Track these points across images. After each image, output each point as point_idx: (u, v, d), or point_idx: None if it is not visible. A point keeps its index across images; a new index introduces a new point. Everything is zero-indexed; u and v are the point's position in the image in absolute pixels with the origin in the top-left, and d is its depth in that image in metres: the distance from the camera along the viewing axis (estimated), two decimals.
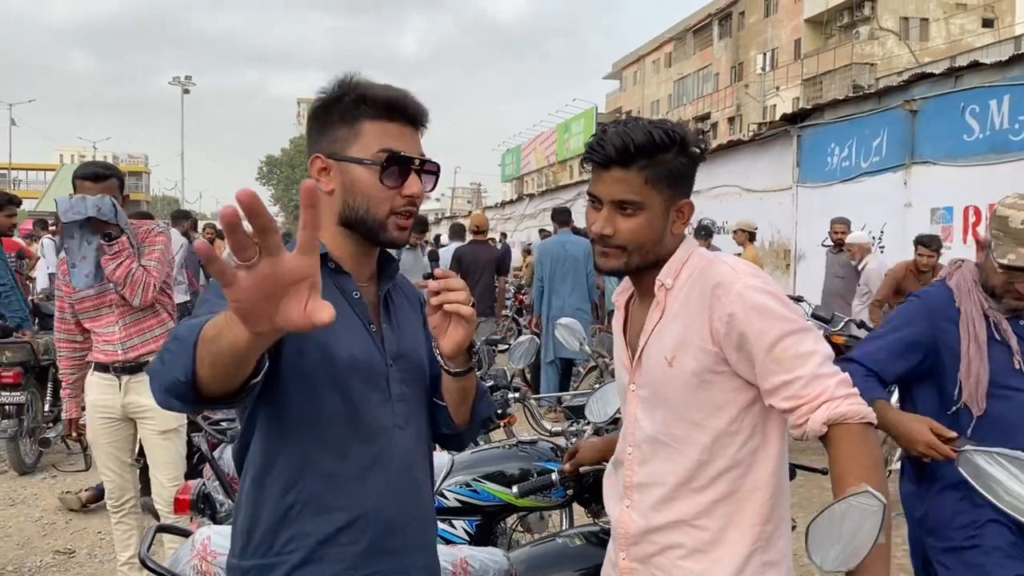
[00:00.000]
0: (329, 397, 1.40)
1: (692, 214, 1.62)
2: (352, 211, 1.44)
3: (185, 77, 52.39)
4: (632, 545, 1.66)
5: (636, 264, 1.60)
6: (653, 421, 1.62)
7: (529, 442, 2.83)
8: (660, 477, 1.61)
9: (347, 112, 1.44)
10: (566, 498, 2.64)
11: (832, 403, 1.43)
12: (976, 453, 2.01)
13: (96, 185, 3.43)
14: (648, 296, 1.65)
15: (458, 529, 2.67)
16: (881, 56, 33.26)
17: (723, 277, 1.51)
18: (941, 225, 8.18)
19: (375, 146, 1.42)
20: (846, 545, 1.25)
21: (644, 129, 1.53)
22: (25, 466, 5.88)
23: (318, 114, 1.47)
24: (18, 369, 5.66)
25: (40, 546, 4.62)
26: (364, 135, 1.43)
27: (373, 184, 1.43)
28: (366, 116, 1.43)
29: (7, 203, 6.16)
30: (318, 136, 1.47)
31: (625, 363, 1.70)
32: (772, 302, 1.48)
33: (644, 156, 1.53)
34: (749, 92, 40.29)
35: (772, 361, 1.46)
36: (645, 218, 1.56)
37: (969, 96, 7.93)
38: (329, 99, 1.45)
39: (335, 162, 1.44)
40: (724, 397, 1.54)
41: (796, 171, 10.65)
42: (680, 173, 1.57)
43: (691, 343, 1.53)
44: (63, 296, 3.55)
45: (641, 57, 55.29)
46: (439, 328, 1.44)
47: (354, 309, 1.47)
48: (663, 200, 1.57)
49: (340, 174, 1.44)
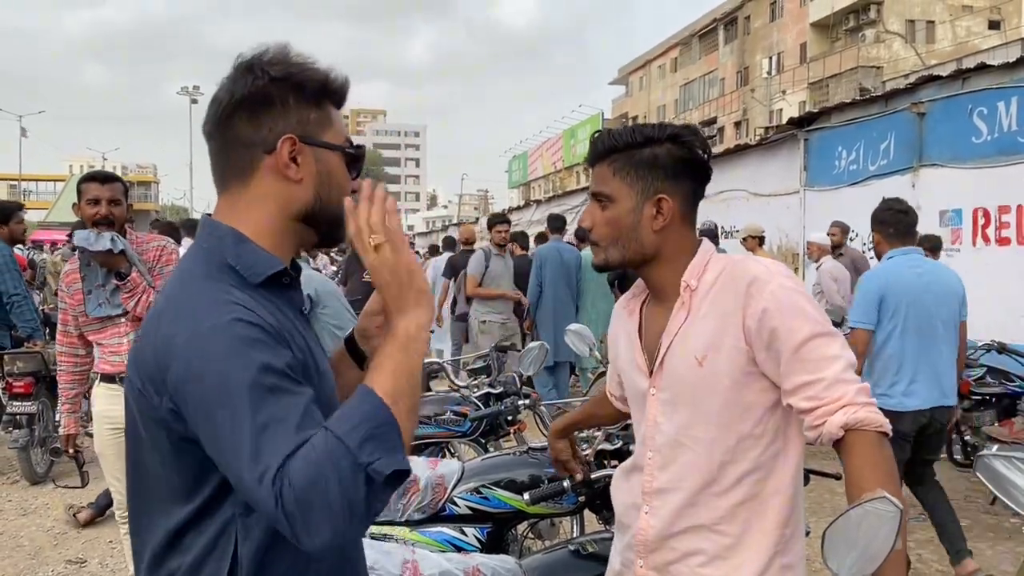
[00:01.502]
0: None
1: (672, 211, 1.59)
2: (324, 205, 1.27)
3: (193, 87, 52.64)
4: (651, 552, 1.64)
5: (616, 259, 1.63)
6: (674, 424, 1.60)
7: (540, 448, 2.82)
8: (681, 481, 1.60)
9: (316, 92, 1.26)
10: (577, 505, 2.63)
11: (851, 408, 1.42)
12: (994, 457, 2.00)
13: (103, 186, 3.44)
14: (666, 299, 1.65)
15: (469, 536, 2.67)
16: (887, 59, 33.19)
17: (759, 275, 1.52)
18: (950, 227, 8.14)
19: (342, 134, 1.30)
20: (863, 551, 1.24)
21: (627, 128, 1.61)
22: (37, 476, 5.89)
23: (272, 89, 1.22)
24: (29, 379, 5.69)
25: (52, 556, 4.63)
26: (334, 122, 1.29)
27: (345, 175, 1.30)
28: (331, 100, 1.29)
29: (16, 210, 6.20)
30: (274, 118, 1.23)
31: (642, 367, 1.68)
32: (805, 303, 1.50)
33: (616, 151, 1.60)
34: (755, 96, 40.25)
35: (797, 360, 1.46)
36: (615, 211, 1.61)
37: (977, 98, 7.90)
38: (292, 73, 1.23)
39: (309, 147, 1.25)
40: (753, 399, 1.54)
41: (804, 175, 10.62)
42: (651, 163, 1.58)
43: (724, 343, 1.53)
44: (67, 308, 3.55)
45: (647, 62, 55.32)
46: (379, 327, 1.38)
47: (309, 327, 1.32)
48: (634, 193, 1.59)
49: (314, 162, 1.25)
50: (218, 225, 1.26)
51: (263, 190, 1.25)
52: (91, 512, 5.05)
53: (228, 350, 1.09)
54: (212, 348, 1.09)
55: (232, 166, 1.26)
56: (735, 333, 1.52)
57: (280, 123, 1.23)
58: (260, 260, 1.23)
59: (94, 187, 3.44)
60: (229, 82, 1.24)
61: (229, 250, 1.22)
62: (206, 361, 1.08)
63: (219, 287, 1.17)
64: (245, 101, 1.23)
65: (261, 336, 1.11)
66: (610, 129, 1.65)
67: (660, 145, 1.58)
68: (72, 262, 3.61)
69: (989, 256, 7.67)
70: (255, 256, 1.23)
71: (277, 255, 1.25)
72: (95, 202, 3.42)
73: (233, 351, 1.08)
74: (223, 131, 1.26)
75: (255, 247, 1.24)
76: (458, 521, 2.67)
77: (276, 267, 1.24)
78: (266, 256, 1.24)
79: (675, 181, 1.59)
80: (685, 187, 1.61)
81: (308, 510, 1.00)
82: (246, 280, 1.21)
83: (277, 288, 1.25)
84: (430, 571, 2.09)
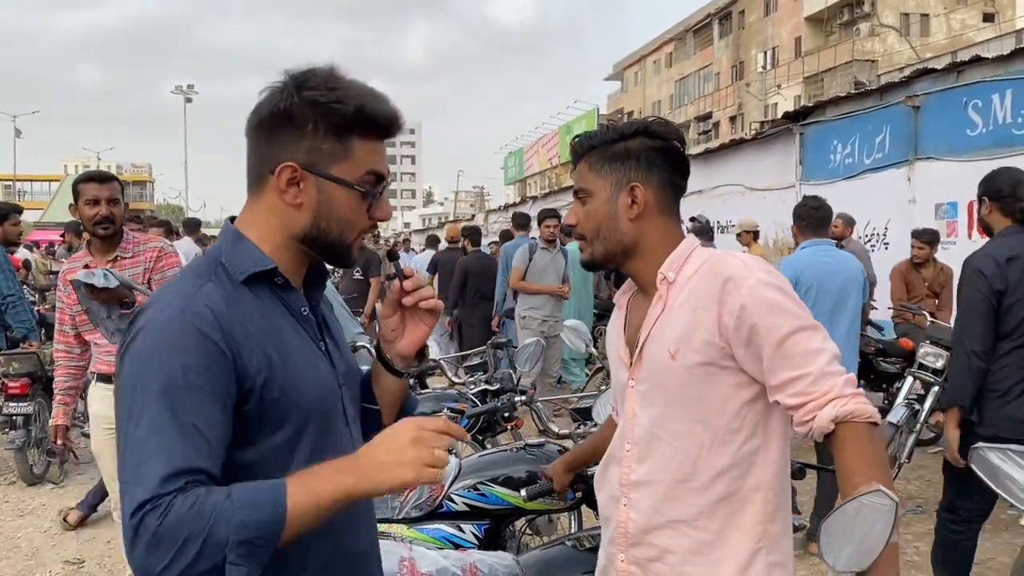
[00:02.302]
0: (301, 439, 1.25)
1: (645, 198, 1.62)
2: (321, 233, 1.28)
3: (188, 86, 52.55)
4: (632, 546, 1.64)
5: (600, 254, 1.67)
6: (651, 416, 1.61)
7: (537, 445, 2.82)
8: (658, 474, 1.60)
9: (339, 124, 1.25)
10: (575, 501, 2.63)
11: (839, 401, 1.43)
12: (989, 450, 2.00)
13: (102, 186, 3.43)
14: (647, 292, 1.66)
15: (467, 533, 2.67)
16: (882, 52, 33.22)
17: (735, 271, 1.51)
18: (946, 220, 8.15)
19: (363, 168, 1.28)
20: (859, 545, 1.24)
21: (602, 126, 1.68)
22: (33, 476, 5.88)
23: (297, 111, 1.24)
24: (25, 380, 5.67)
25: (49, 557, 4.62)
26: (354, 155, 1.27)
27: (352, 208, 1.29)
28: (358, 132, 1.27)
29: (12, 212, 6.19)
30: (288, 140, 1.25)
31: (624, 359, 1.70)
32: (783, 298, 1.49)
33: (591, 148, 1.66)
34: (750, 91, 40.26)
35: (781, 356, 1.46)
36: (593, 204, 1.66)
37: (971, 91, 7.90)
38: (320, 101, 1.24)
39: (313, 176, 1.25)
40: (726, 392, 1.53)
41: (799, 169, 10.61)
42: (624, 156, 1.63)
43: (696, 336, 1.53)
44: (64, 308, 3.54)
45: (642, 58, 55.31)
46: (397, 328, 1.43)
47: (304, 328, 1.32)
48: (608, 184, 1.64)
49: (316, 192, 1.26)
50: (227, 226, 1.33)
51: (270, 204, 1.29)
52: (80, 513, 5.03)
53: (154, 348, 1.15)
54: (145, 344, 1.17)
55: (252, 173, 1.31)
56: (708, 328, 1.51)
57: (291, 147, 1.25)
58: (248, 258, 1.26)
59: (92, 187, 3.42)
60: (268, 94, 1.28)
61: (225, 248, 1.28)
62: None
63: (194, 283, 1.22)
64: (270, 117, 1.26)
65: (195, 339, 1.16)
66: (587, 131, 1.73)
67: (633, 139, 1.64)
68: (70, 261, 3.60)
69: None
70: (245, 254, 1.27)
71: (276, 260, 1.28)
72: (94, 202, 3.40)
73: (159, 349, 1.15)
74: (251, 139, 1.30)
75: (250, 247, 1.28)
76: (455, 518, 2.67)
77: (262, 266, 1.26)
78: (257, 255, 1.27)
79: (648, 171, 1.63)
80: (660, 177, 1.63)
81: (159, 543, 1.05)
82: (232, 277, 1.24)
83: (269, 287, 1.28)
84: (427, 568, 2.09)
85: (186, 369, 1.13)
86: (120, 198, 3.49)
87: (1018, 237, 3.26)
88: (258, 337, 1.21)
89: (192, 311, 1.17)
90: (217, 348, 1.16)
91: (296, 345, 1.28)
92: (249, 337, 1.20)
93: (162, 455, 1.08)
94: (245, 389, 1.18)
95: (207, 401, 1.14)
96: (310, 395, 1.26)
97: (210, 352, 1.15)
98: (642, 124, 1.65)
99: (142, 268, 3.52)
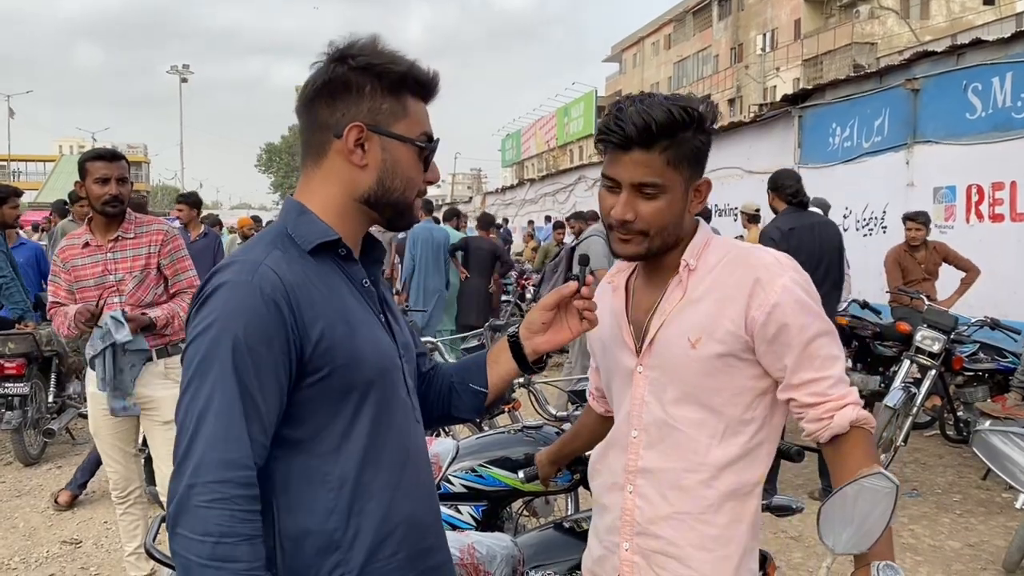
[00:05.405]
0: (364, 407, 1.30)
1: (709, 192, 1.59)
2: (387, 191, 1.34)
3: (183, 66, 52.23)
4: (637, 535, 1.60)
5: (657, 248, 1.55)
6: (663, 404, 1.58)
7: (534, 427, 2.82)
8: (668, 461, 1.57)
9: (394, 84, 1.32)
10: (572, 482, 2.63)
11: (854, 407, 1.49)
12: (991, 433, 2.00)
13: (112, 164, 3.41)
14: (659, 276, 1.61)
15: (464, 515, 2.67)
16: (882, 35, 33.05)
17: (769, 268, 1.51)
18: (944, 204, 8.14)
19: (417, 128, 1.36)
20: (858, 527, 1.24)
21: (664, 107, 1.46)
22: (30, 457, 5.90)
23: (352, 77, 1.30)
24: (21, 360, 5.67)
25: (47, 536, 4.64)
26: (411, 113, 1.35)
27: (414, 166, 1.36)
28: (410, 92, 1.35)
29: (11, 195, 6.15)
30: (349, 104, 1.31)
31: (629, 344, 1.64)
32: (812, 300, 1.52)
33: (666, 136, 1.46)
34: (749, 73, 40.10)
35: (807, 357, 1.49)
36: (666, 200, 1.50)
37: (971, 74, 7.87)
38: (373, 63, 1.30)
39: (377, 136, 1.32)
40: (743, 384, 1.53)
41: (798, 152, 10.60)
42: (700, 152, 1.53)
43: (720, 327, 1.51)
44: (59, 284, 3.51)
45: (640, 39, 54.99)
46: (546, 323, 1.52)
47: (366, 300, 1.37)
48: (683, 181, 1.52)
49: (380, 151, 1.33)
50: (289, 200, 1.39)
51: (332, 171, 1.34)
52: (70, 492, 5.03)
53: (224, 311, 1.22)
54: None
55: (310, 146, 1.36)
56: (735, 319, 1.50)
57: (352, 110, 1.31)
58: (314, 229, 1.32)
59: (101, 165, 3.39)
60: (318, 67, 1.33)
61: (290, 220, 1.34)
62: None
63: (263, 250, 1.28)
64: (326, 86, 1.32)
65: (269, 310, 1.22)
66: (641, 109, 1.47)
67: (702, 131, 1.51)
68: (69, 238, 3.56)
69: (983, 233, 7.68)
70: (310, 226, 1.32)
71: (339, 230, 1.33)
72: (104, 181, 3.38)
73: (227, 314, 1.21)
74: (306, 113, 1.35)
75: (314, 218, 1.33)
76: (453, 499, 2.67)
77: (327, 236, 1.31)
78: (322, 227, 1.32)
79: (705, 163, 1.57)
80: (705, 166, 1.60)
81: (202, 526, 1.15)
82: (300, 247, 1.30)
83: (333, 258, 1.33)
84: None
85: (248, 336, 1.19)
86: (128, 177, 3.48)
87: (796, 215, 4.83)
88: (323, 304, 1.26)
89: (260, 275, 1.22)
90: (280, 314, 1.21)
91: (359, 315, 1.33)
92: (314, 304, 1.25)
93: (218, 439, 1.17)
94: (307, 354, 1.24)
95: (268, 371, 1.20)
96: (372, 363, 1.31)
97: (274, 319, 1.21)
98: (710, 114, 1.52)
99: (145, 251, 3.49)
